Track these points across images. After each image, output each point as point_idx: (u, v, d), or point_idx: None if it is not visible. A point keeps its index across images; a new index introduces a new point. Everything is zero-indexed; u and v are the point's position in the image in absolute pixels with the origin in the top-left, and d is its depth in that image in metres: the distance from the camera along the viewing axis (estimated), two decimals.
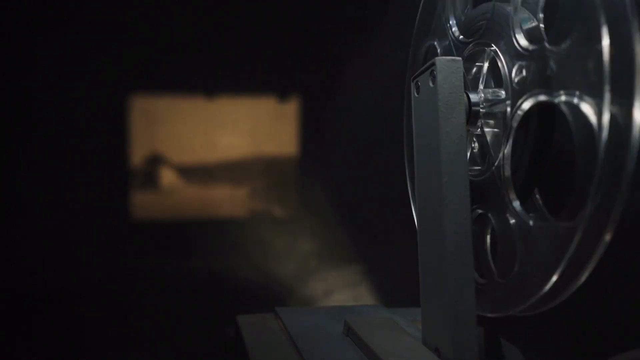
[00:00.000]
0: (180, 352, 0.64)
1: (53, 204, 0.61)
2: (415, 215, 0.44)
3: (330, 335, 0.40)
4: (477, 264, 0.34)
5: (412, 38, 0.44)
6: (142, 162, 0.64)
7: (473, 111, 0.34)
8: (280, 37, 0.66)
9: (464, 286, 0.32)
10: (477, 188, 0.34)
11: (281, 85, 0.67)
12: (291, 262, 0.67)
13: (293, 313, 0.46)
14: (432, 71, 0.33)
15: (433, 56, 0.42)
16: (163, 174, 0.65)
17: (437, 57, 0.32)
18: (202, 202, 0.67)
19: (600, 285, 0.29)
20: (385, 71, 0.66)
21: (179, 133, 0.64)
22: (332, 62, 0.67)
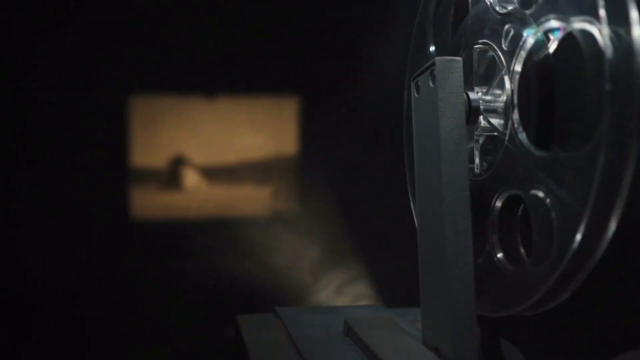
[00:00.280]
0: (180, 352, 0.64)
1: (53, 204, 0.61)
2: (415, 215, 0.44)
3: (330, 335, 0.40)
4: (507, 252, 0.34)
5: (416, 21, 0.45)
6: (167, 164, 0.64)
7: (473, 111, 0.34)
8: (281, 37, 0.66)
9: (464, 286, 0.32)
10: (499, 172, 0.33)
11: (280, 84, 0.67)
12: (286, 258, 0.67)
13: (293, 313, 0.46)
14: (432, 71, 0.33)
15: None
16: (186, 176, 0.65)
17: (437, 57, 0.32)
18: (224, 203, 0.67)
19: (600, 285, 0.29)
20: (385, 71, 0.66)
21: (199, 134, 0.64)
22: (332, 62, 0.67)
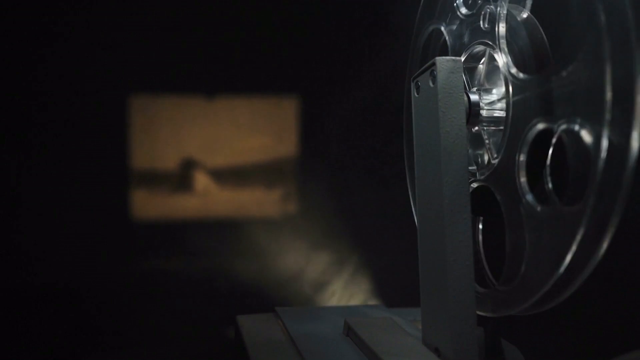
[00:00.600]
0: (180, 352, 0.64)
1: (53, 204, 0.61)
2: (415, 215, 0.44)
3: (330, 335, 0.40)
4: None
5: (416, 22, 0.44)
6: (177, 166, 0.64)
7: (473, 111, 0.34)
8: (281, 37, 0.66)
9: (464, 286, 0.32)
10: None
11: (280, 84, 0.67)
12: (286, 258, 0.67)
13: (293, 313, 0.46)
14: (432, 71, 0.33)
15: (436, 41, 0.42)
16: (197, 178, 0.65)
17: (437, 57, 0.32)
18: (234, 205, 0.66)
19: (600, 285, 0.29)
20: (385, 71, 0.66)
21: (199, 134, 0.64)
22: (332, 62, 0.67)
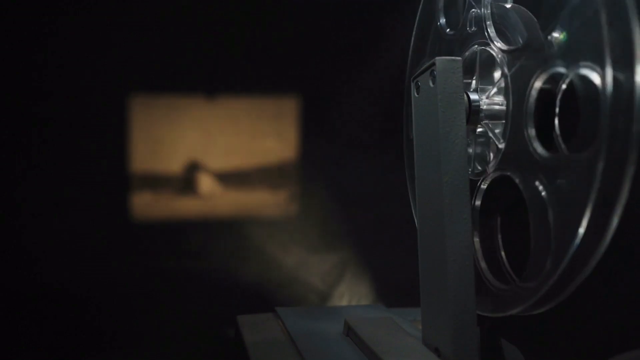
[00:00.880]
0: (180, 352, 0.64)
1: (53, 205, 0.61)
2: (415, 215, 0.44)
3: (330, 335, 0.40)
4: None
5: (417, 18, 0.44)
6: (177, 167, 0.64)
7: (473, 111, 0.34)
8: (281, 37, 0.66)
9: (464, 286, 0.32)
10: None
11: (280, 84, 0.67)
12: (286, 258, 0.67)
13: (293, 313, 0.46)
14: (432, 71, 0.33)
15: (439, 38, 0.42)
16: (202, 181, 0.65)
17: (437, 57, 0.32)
18: (239, 207, 0.66)
19: (600, 285, 0.29)
20: (385, 70, 0.66)
21: (199, 133, 0.64)
22: (332, 62, 0.67)
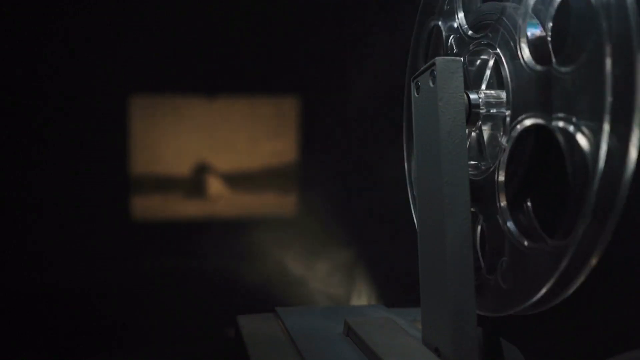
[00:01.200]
0: (180, 352, 0.64)
1: (54, 205, 0.61)
2: (415, 215, 0.44)
3: (330, 335, 0.40)
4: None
5: (417, 17, 0.43)
6: (190, 171, 0.64)
7: (473, 111, 0.34)
8: (281, 37, 0.66)
9: (464, 286, 0.32)
10: (472, 186, 0.34)
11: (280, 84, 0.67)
12: (286, 259, 0.67)
13: (293, 313, 0.46)
14: (432, 71, 0.33)
15: (437, 38, 0.42)
16: (210, 183, 0.65)
17: (437, 57, 0.32)
18: (225, 203, 0.66)
19: (600, 285, 0.29)
20: (385, 71, 0.66)
21: (199, 133, 0.64)
22: (332, 62, 0.67)
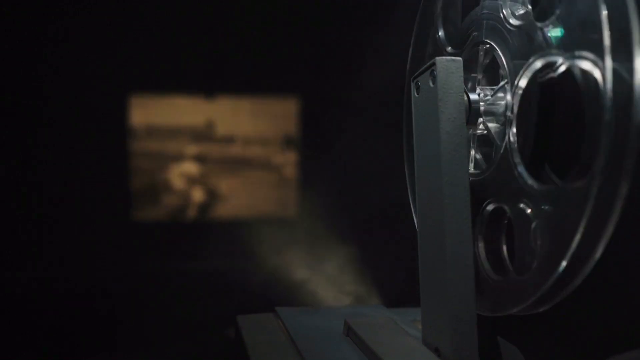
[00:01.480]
0: (180, 352, 0.64)
1: (53, 205, 0.61)
2: (415, 215, 0.44)
3: (330, 335, 0.40)
4: (492, 260, 0.34)
5: (410, 47, 0.44)
6: (176, 167, 0.64)
7: (473, 111, 0.34)
8: (281, 37, 0.66)
9: (464, 286, 0.32)
10: (489, 182, 0.33)
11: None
12: (286, 259, 0.67)
13: (293, 313, 0.46)
14: (432, 71, 0.33)
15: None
16: (195, 194, 0.65)
17: (437, 57, 0.32)
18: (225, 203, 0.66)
19: (600, 285, 0.29)
20: (385, 70, 0.66)
21: (199, 133, 0.64)
22: (332, 62, 0.67)
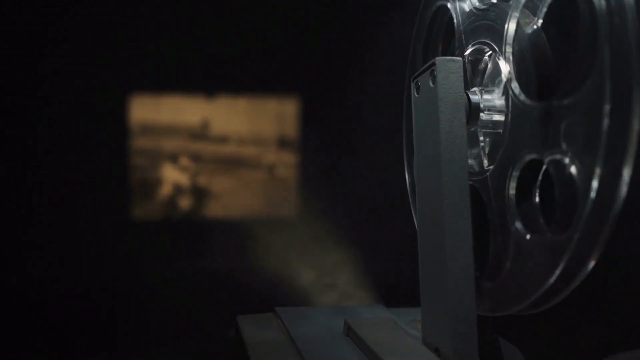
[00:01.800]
0: (180, 352, 0.64)
1: (54, 205, 0.61)
2: (415, 215, 0.44)
3: (330, 335, 0.40)
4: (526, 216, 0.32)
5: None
6: (176, 167, 0.64)
7: (473, 111, 0.34)
8: (281, 37, 0.66)
9: (464, 286, 0.32)
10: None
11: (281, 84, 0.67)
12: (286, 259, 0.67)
13: (293, 313, 0.46)
14: (432, 71, 0.33)
15: (441, 20, 0.41)
16: (180, 202, 0.65)
17: (437, 57, 0.32)
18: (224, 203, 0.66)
19: (600, 285, 0.29)
20: (384, 70, 0.66)
21: (199, 133, 0.64)
22: (332, 62, 0.67)
